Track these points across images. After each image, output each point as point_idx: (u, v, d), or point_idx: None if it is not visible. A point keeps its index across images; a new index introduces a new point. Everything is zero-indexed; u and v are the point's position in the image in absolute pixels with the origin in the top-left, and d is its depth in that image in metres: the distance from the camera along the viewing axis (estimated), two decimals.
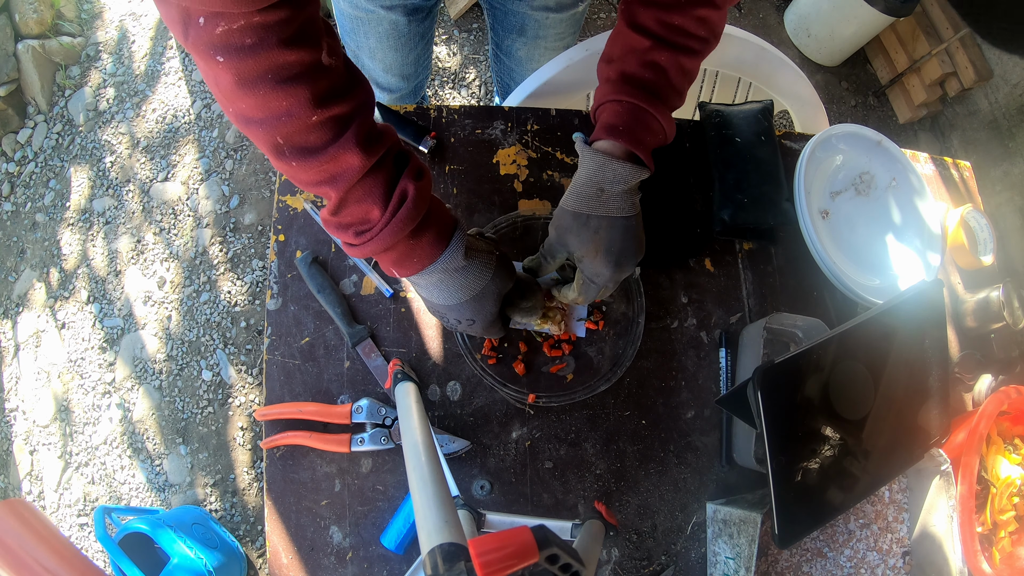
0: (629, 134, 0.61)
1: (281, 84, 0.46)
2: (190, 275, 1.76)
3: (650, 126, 0.63)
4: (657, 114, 0.62)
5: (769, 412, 0.59)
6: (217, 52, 0.44)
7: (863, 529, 0.74)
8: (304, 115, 0.47)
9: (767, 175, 0.86)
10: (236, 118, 0.49)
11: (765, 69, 1.06)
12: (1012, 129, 1.88)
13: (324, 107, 0.48)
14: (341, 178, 0.51)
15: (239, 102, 0.47)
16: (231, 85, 0.46)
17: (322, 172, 0.51)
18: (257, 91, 0.46)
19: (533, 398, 0.75)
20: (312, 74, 0.47)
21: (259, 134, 0.49)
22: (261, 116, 0.48)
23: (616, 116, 0.62)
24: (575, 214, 0.64)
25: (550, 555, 0.39)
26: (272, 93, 0.46)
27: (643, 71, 0.61)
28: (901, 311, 0.69)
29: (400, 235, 0.55)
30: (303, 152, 0.49)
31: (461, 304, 0.62)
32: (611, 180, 0.62)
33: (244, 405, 1.67)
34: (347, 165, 0.51)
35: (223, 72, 0.45)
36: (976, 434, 0.72)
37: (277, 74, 0.46)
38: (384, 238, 0.54)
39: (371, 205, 0.53)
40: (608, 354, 0.79)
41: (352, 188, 0.52)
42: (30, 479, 1.65)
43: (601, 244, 0.64)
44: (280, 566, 0.71)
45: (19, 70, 1.85)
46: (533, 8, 1.00)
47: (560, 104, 0.92)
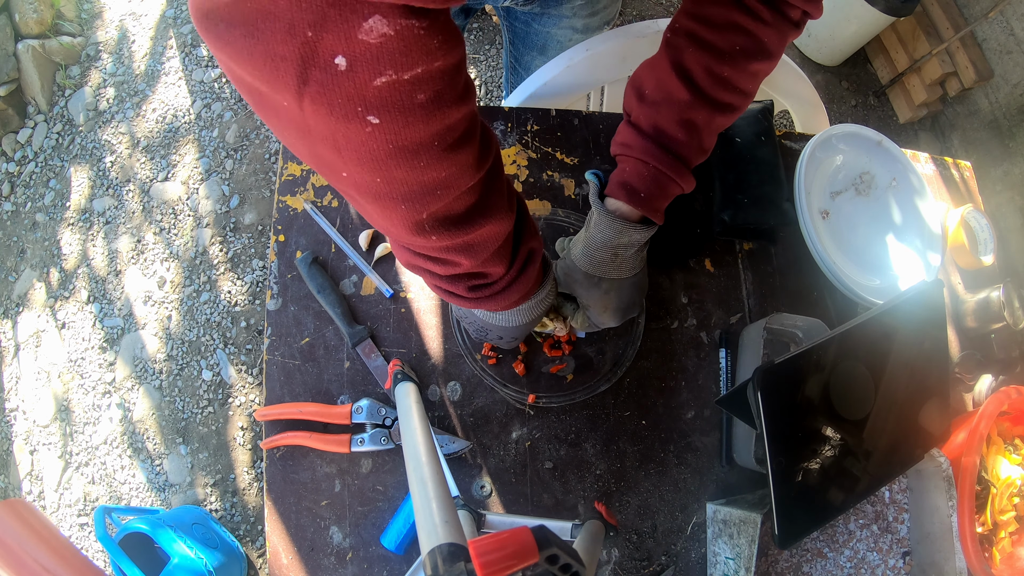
0: (649, 203, 0.58)
1: (448, 151, 0.35)
2: (190, 275, 1.76)
3: (670, 192, 0.60)
4: (681, 181, 0.59)
5: (769, 412, 0.59)
6: (371, 111, 0.31)
7: (863, 529, 0.74)
8: (463, 182, 0.38)
9: (767, 175, 0.86)
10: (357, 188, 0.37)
11: None
12: (1012, 129, 1.88)
13: (481, 166, 0.39)
14: (483, 246, 0.43)
15: (375, 174, 0.35)
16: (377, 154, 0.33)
17: (462, 242, 0.41)
18: (416, 162, 0.35)
19: (533, 398, 0.75)
20: (474, 129, 0.38)
21: (395, 211, 0.38)
22: (406, 191, 0.36)
23: (639, 180, 0.59)
24: (586, 275, 0.64)
25: (550, 555, 0.38)
26: (436, 163, 0.35)
27: (677, 130, 0.57)
28: (901, 311, 0.69)
29: (520, 293, 0.51)
30: (448, 223, 0.40)
31: (525, 324, 0.60)
32: (626, 245, 0.61)
33: (244, 405, 1.67)
34: (495, 232, 0.43)
35: (370, 138, 0.33)
36: (976, 434, 0.72)
37: (445, 138, 0.35)
38: (507, 297, 0.50)
39: (497, 263, 0.47)
40: (608, 354, 0.79)
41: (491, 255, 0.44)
42: (30, 479, 1.65)
43: (610, 303, 0.65)
44: (280, 566, 0.71)
45: (19, 70, 1.85)
46: (559, 28, 0.98)
47: (560, 104, 0.92)
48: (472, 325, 0.64)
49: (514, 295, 0.51)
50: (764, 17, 0.53)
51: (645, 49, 0.97)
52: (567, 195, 0.85)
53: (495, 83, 2.01)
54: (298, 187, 0.82)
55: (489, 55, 2.04)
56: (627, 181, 0.59)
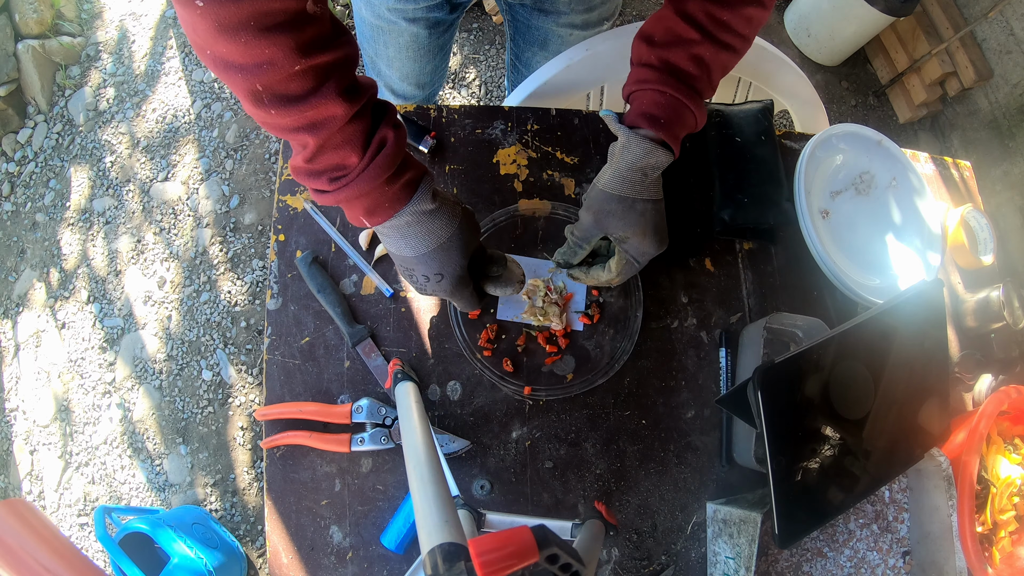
0: (669, 128, 0.63)
1: (264, 32, 0.45)
2: (190, 275, 1.76)
3: (687, 121, 0.65)
4: (695, 110, 0.64)
5: (769, 412, 0.59)
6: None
7: (863, 529, 0.74)
8: (287, 64, 0.47)
9: (767, 175, 0.86)
10: (214, 62, 0.48)
11: (765, 69, 1.06)
12: (1012, 129, 1.88)
13: (308, 56, 0.47)
14: (322, 126, 0.51)
15: (219, 47, 0.46)
16: (211, 31, 0.45)
17: (302, 119, 0.50)
18: (239, 38, 0.45)
19: (529, 390, 0.75)
20: (296, 22, 0.46)
21: (238, 80, 0.48)
22: (243, 63, 0.46)
23: (659, 108, 0.63)
24: (620, 197, 0.66)
25: (550, 555, 0.39)
26: (255, 41, 0.45)
27: (688, 64, 0.62)
28: (901, 311, 0.69)
29: (377, 180, 0.55)
30: (284, 100, 0.49)
31: (429, 254, 0.61)
32: (654, 166, 0.65)
33: (244, 405, 1.67)
34: (329, 113, 0.51)
35: (201, 18, 0.44)
36: (976, 434, 0.72)
37: (260, 22, 0.45)
38: (361, 183, 0.55)
39: (350, 152, 0.54)
40: (606, 349, 0.79)
41: (332, 135, 0.52)
42: (30, 479, 1.65)
43: (648, 225, 0.67)
44: (280, 566, 0.71)
45: (19, 70, 1.85)
46: (559, 24, 1.00)
47: (560, 104, 0.92)
48: (403, 271, 0.66)
49: (367, 183, 0.55)
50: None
51: None
52: (567, 194, 0.85)
53: (495, 83, 2.02)
54: (298, 187, 0.82)
55: (489, 55, 2.05)
56: (647, 111, 0.63)
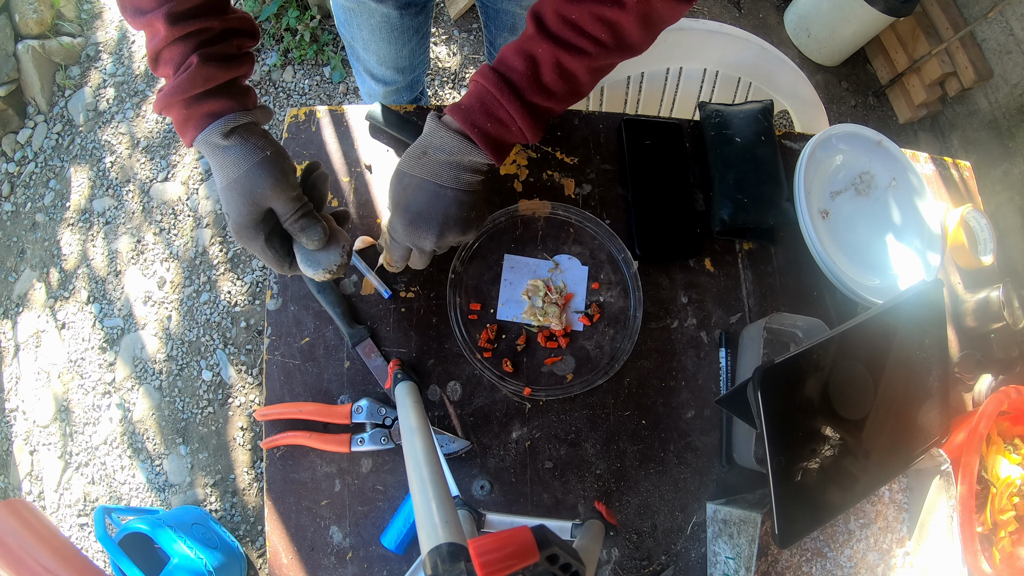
0: (466, 115, 0.60)
1: None
2: (190, 275, 1.76)
3: (495, 115, 0.60)
4: (508, 106, 0.59)
5: (769, 412, 0.59)
6: None
7: (863, 529, 0.74)
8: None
9: (767, 175, 0.86)
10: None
11: (765, 69, 1.06)
12: (1012, 129, 1.89)
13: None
14: (153, 40, 0.58)
15: None
16: None
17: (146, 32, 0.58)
18: None
19: (529, 391, 0.75)
20: None
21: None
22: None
23: (467, 96, 0.61)
24: (397, 171, 0.65)
25: (550, 555, 0.39)
26: None
27: (515, 58, 0.59)
28: (901, 311, 0.69)
29: (173, 99, 0.57)
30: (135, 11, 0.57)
31: (221, 190, 0.61)
32: (436, 147, 0.62)
33: (244, 405, 1.67)
34: (157, 30, 0.57)
35: None
36: (976, 434, 0.72)
37: None
38: (161, 98, 0.58)
39: (169, 69, 0.58)
40: (606, 349, 0.79)
41: (160, 51, 0.58)
42: (30, 479, 1.65)
43: (402, 200, 0.63)
44: (280, 566, 0.71)
45: (19, 70, 1.85)
46: (523, 7, 1.01)
47: None
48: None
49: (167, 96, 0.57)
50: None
51: None
52: (567, 194, 0.85)
53: None
54: None
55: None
56: (459, 101, 0.62)
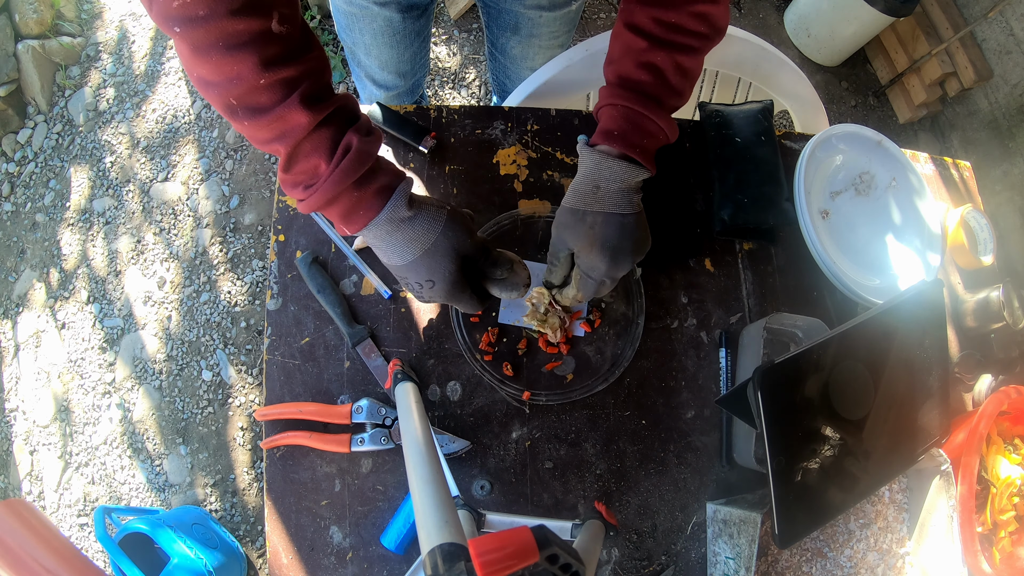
0: (623, 139, 0.63)
1: (230, 51, 0.50)
2: (190, 275, 1.76)
3: (646, 129, 0.63)
4: (654, 116, 0.63)
5: (769, 412, 0.59)
6: (174, 23, 0.48)
7: (863, 529, 0.74)
8: (252, 78, 0.51)
9: (767, 175, 0.86)
10: (196, 82, 0.53)
11: (765, 69, 1.06)
12: (1012, 129, 1.88)
13: (272, 71, 0.51)
14: (289, 135, 0.54)
15: (197, 68, 0.51)
16: (188, 53, 0.50)
17: (272, 130, 0.54)
18: (210, 57, 0.50)
19: (528, 395, 0.75)
20: (260, 41, 0.50)
21: (214, 96, 0.53)
22: (216, 80, 0.51)
23: (612, 121, 0.63)
24: (572, 210, 0.66)
25: (550, 555, 0.39)
26: (223, 59, 0.50)
27: (639, 73, 0.62)
28: (901, 311, 0.69)
29: (343, 185, 0.56)
30: (254, 111, 0.53)
31: (416, 261, 0.61)
32: (607, 178, 0.64)
33: (244, 405, 1.67)
34: (294, 123, 0.54)
35: (180, 41, 0.50)
36: (976, 434, 0.72)
37: (227, 41, 0.49)
38: (328, 189, 0.56)
39: (318, 159, 0.56)
40: (607, 354, 0.79)
41: (300, 144, 0.55)
42: (30, 479, 1.65)
43: (596, 239, 0.65)
44: (280, 566, 0.71)
45: (19, 70, 1.85)
46: (526, 7, 1.00)
47: (560, 104, 0.92)
48: (400, 281, 0.66)
49: (336, 188, 0.56)
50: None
51: None
52: None
53: None
54: None
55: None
56: (603, 127, 0.65)
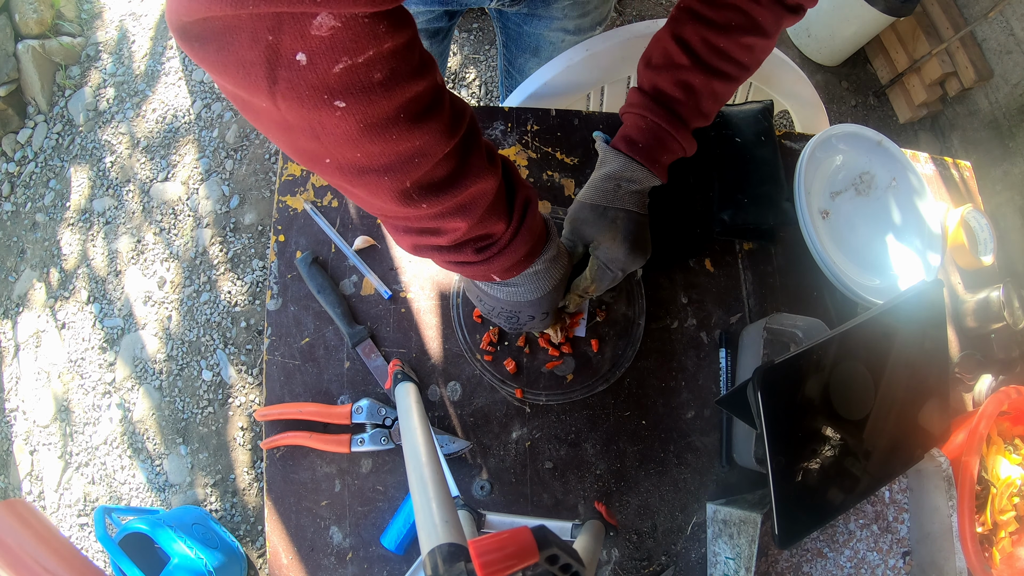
0: (646, 152, 0.65)
1: (415, 121, 0.38)
2: (190, 275, 1.76)
3: (668, 146, 0.65)
4: (678, 136, 0.65)
5: (769, 412, 0.59)
6: (336, 96, 0.34)
7: (863, 529, 0.74)
8: (439, 149, 0.40)
9: (767, 175, 0.86)
10: (340, 170, 0.40)
11: (765, 69, 1.05)
12: (1012, 129, 1.88)
13: (454, 133, 0.41)
14: (475, 205, 0.45)
15: (355, 152, 0.38)
16: (351, 134, 0.36)
17: (453, 204, 0.44)
18: (388, 135, 0.37)
19: (520, 393, 0.75)
20: (439, 100, 0.40)
21: (380, 184, 0.40)
22: (386, 163, 0.39)
23: (638, 132, 0.65)
24: (593, 206, 0.68)
25: (550, 555, 0.38)
26: (406, 134, 0.38)
27: (674, 90, 0.63)
28: (901, 311, 0.69)
29: (529, 244, 0.51)
30: (434, 189, 0.42)
31: (546, 295, 0.60)
32: (628, 179, 0.66)
33: (244, 405, 1.67)
34: (481, 189, 0.44)
35: (341, 121, 0.36)
36: (976, 434, 0.72)
37: (411, 110, 0.37)
38: (515, 251, 0.50)
39: (497, 220, 0.48)
40: (608, 355, 0.79)
41: (484, 210, 0.46)
42: (30, 479, 1.65)
43: (619, 231, 0.67)
44: (280, 566, 0.71)
45: (19, 70, 1.85)
46: (551, 30, 0.99)
47: (560, 104, 0.92)
48: (502, 314, 0.63)
49: (521, 248, 0.51)
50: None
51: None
52: (567, 195, 0.85)
53: (495, 83, 2.02)
54: (298, 187, 0.82)
55: (489, 55, 2.05)
56: (627, 134, 0.66)
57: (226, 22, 0.32)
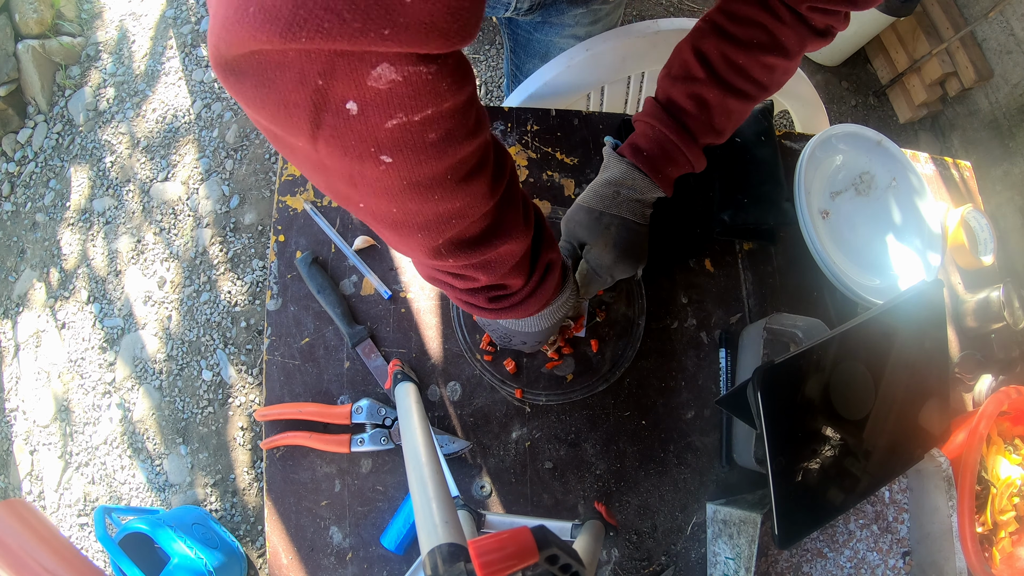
0: (651, 163, 0.64)
1: (461, 183, 0.36)
2: (190, 275, 1.76)
3: (674, 159, 0.65)
4: (685, 150, 0.64)
5: (769, 412, 0.59)
6: (384, 151, 0.32)
7: (863, 529, 0.74)
8: (479, 209, 0.39)
9: (767, 175, 0.86)
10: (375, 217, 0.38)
11: None
12: (1012, 129, 1.88)
13: (495, 192, 0.40)
14: (501, 264, 0.44)
15: (391, 206, 0.36)
16: (391, 190, 0.35)
17: (479, 261, 0.42)
18: (431, 196, 0.36)
19: (520, 393, 0.75)
20: (486, 158, 0.38)
21: (413, 238, 0.39)
22: (423, 221, 0.37)
23: (645, 141, 0.65)
24: (589, 210, 0.67)
25: (550, 555, 0.38)
26: (450, 195, 0.36)
27: (687, 103, 0.62)
28: (901, 311, 0.69)
29: (541, 302, 0.51)
30: (464, 246, 0.41)
31: (552, 326, 0.60)
32: (629, 187, 0.66)
33: (244, 405, 1.67)
34: (511, 251, 0.43)
35: (384, 175, 0.34)
36: (976, 434, 0.72)
37: (458, 172, 0.36)
38: (527, 307, 0.50)
39: (517, 276, 0.48)
40: (608, 355, 0.79)
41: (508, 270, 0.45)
42: (30, 479, 1.65)
43: (611, 239, 0.67)
44: (280, 566, 0.71)
45: (19, 70, 1.85)
46: (561, 37, 0.99)
47: (560, 104, 0.92)
48: (495, 332, 0.64)
49: (533, 306, 0.52)
50: (784, 18, 0.58)
51: (645, 49, 0.96)
52: (567, 195, 0.85)
53: (495, 83, 2.01)
54: (298, 187, 0.82)
55: (489, 55, 2.04)
56: (634, 142, 0.66)
57: (273, 59, 0.29)
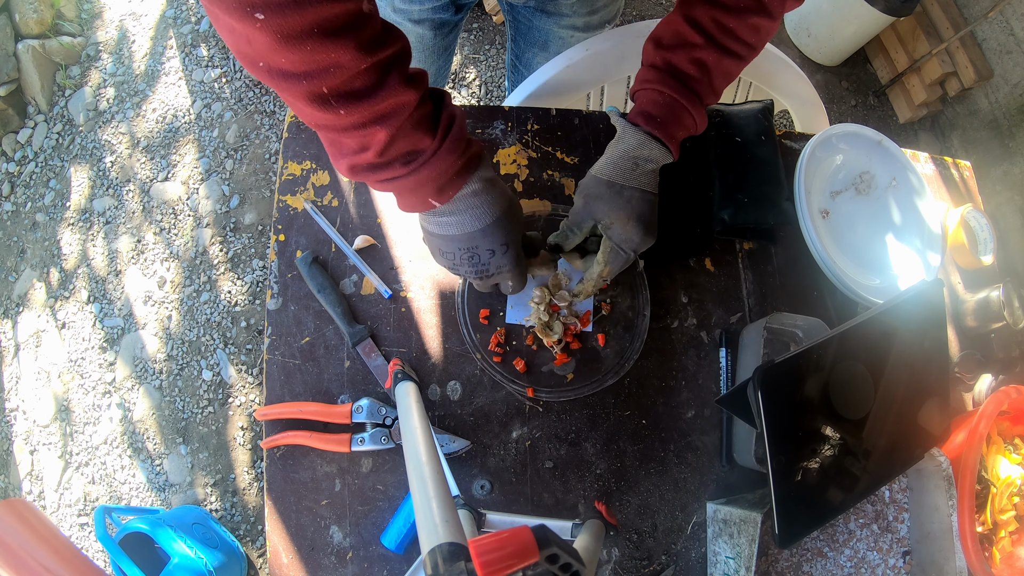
0: (664, 127, 0.66)
1: (329, 37, 0.45)
2: (190, 275, 1.76)
3: (684, 122, 0.67)
4: (693, 111, 0.66)
5: (769, 412, 0.59)
6: (256, 9, 0.42)
7: (863, 529, 0.74)
8: (353, 64, 0.47)
9: (767, 175, 0.86)
10: (269, 74, 0.47)
11: (765, 69, 1.06)
12: (1012, 129, 1.88)
13: (373, 53, 0.48)
14: (394, 115, 0.51)
15: (279, 59, 0.46)
16: (270, 43, 0.44)
17: (371, 113, 0.50)
18: (302, 46, 0.44)
19: (532, 392, 0.75)
20: (358, 23, 0.47)
21: (300, 88, 0.48)
22: (305, 70, 0.46)
23: (656, 107, 0.66)
24: (609, 183, 0.68)
25: (550, 555, 0.39)
26: (319, 47, 0.45)
27: (690, 67, 0.65)
28: (901, 311, 0.69)
29: (453, 155, 0.56)
30: (351, 97, 0.49)
31: (496, 221, 0.61)
32: (646, 158, 0.67)
33: (244, 405, 1.67)
34: (400, 102, 0.51)
35: (260, 32, 0.43)
36: (976, 434, 0.72)
37: (324, 27, 0.44)
38: (439, 161, 0.55)
39: (422, 134, 0.54)
40: (614, 348, 0.79)
41: (403, 123, 0.52)
42: (30, 479, 1.65)
43: (633, 211, 0.67)
44: (280, 566, 0.71)
45: (19, 70, 1.85)
46: (560, 26, 1.00)
47: (560, 104, 0.92)
48: (464, 260, 0.64)
49: (448, 157, 0.55)
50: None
51: None
52: (567, 194, 0.85)
53: (495, 83, 2.02)
54: (298, 187, 0.82)
55: (489, 55, 2.05)
56: (645, 109, 0.67)
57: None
